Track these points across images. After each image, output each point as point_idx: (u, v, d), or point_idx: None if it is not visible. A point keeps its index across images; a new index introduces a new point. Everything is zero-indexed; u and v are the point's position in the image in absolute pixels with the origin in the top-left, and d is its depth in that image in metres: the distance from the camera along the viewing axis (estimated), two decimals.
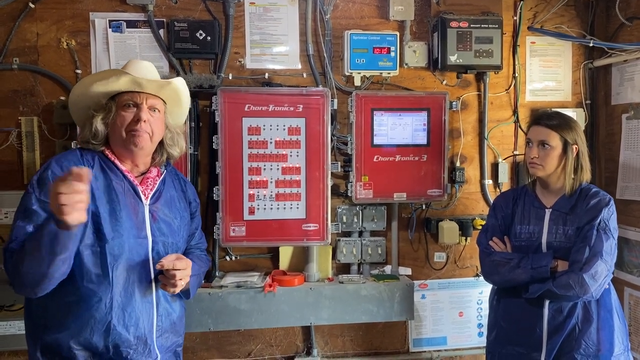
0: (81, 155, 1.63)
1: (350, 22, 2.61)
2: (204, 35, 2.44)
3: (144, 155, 1.69)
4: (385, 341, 2.74)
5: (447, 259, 2.75)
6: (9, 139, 2.41)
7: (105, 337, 1.57)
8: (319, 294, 2.44)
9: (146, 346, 1.63)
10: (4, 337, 2.36)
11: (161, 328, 1.68)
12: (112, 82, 1.63)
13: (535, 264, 1.93)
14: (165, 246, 1.68)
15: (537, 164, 1.99)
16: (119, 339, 1.58)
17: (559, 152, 1.97)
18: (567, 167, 1.97)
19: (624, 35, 2.64)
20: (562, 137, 1.96)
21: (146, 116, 1.64)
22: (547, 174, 2.00)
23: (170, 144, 1.75)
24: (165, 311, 1.69)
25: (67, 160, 1.61)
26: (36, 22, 2.42)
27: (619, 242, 2.52)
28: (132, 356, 1.60)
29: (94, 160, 1.64)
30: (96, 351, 1.58)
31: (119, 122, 1.64)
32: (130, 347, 1.60)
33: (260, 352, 2.66)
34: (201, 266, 1.86)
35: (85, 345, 1.56)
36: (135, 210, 1.63)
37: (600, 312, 1.95)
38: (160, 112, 1.70)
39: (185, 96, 1.81)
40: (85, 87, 1.67)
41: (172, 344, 1.75)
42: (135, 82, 1.64)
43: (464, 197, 2.74)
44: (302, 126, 2.45)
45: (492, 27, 2.58)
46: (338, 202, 2.63)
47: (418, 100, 2.58)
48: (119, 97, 1.66)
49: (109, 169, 1.64)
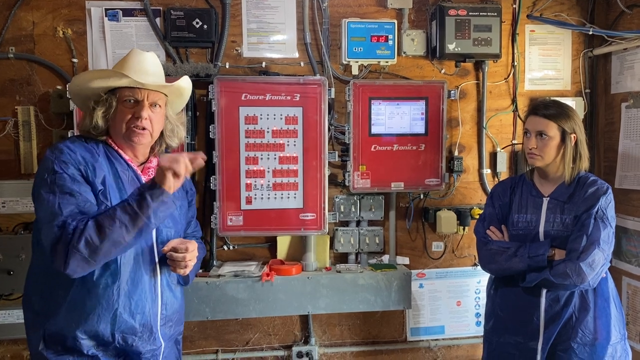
0: (86, 142, 1.62)
1: (347, 10, 2.60)
2: (201, 24, 2.43)
3: (143, 148, 1.70)
4: (383, 330, 2.75)
5: (445, 249, 2.75)
6: (6, 129, 2.41)
7: (112, 325, 1.57)
8: (317, 283, 2.45)
9: (151, 334, 1.64)
10: (2, 326, 2.39)
11: (165, 316, 1.69)
12: (113, 80, 1.61)
13: (532, 253, 1.93)
14: (168, 235, 1.69)
15: (535, 154, 1.98)
16: (125, 327, 1.58)
17: (557, 142, 1.96)
18: (566, 157, 1.96)
19: (624, 23, 2.61)
20: (560, 126, 1.95)
21: (147, 113, 1.62)
22: (546, 163, 1.99)
23: (170, 135, 1.75)
24: (168, 299, 1.70)
25: (74, 144, 1.59)
26: (32, 10, 2.41)
27: (618, 232, 2.53)
28: (137, 343, 1.61)
29: (98, 148, 1.63)
30: (102, 340, 1.58)
31: (120, 117, 1.62)
32: (136, 335, 1.60)
33: (258, 341, 2.67)
34: (200, 254, 1.86)
35: (91, 334, 1.56)
36: None
37: (597, 301, 1.96)
38: (161, 108, 1.68)
39: (187, 91, 1.81)
40: (84, 82, 1.64)
41: (174, 332, 1.77)
42: (137, 82, 1.61)
43: (462, 187, 2.73)
44: (299, 115, 2.44)
45: (491, 15, 2.55)
46: (335, 192, 2.63)
47: (416, 89, 2.56)
48: (120, 92, 1.63)
49: (114, 158, 1.64)
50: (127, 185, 1.61)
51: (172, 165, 1.48)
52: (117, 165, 1.62)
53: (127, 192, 1.59)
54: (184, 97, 1.82)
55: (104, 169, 1.58)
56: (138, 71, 1.62)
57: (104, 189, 1.55)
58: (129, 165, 1.65)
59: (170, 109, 1.75)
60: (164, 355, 1.71)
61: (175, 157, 1.50)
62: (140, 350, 1.62)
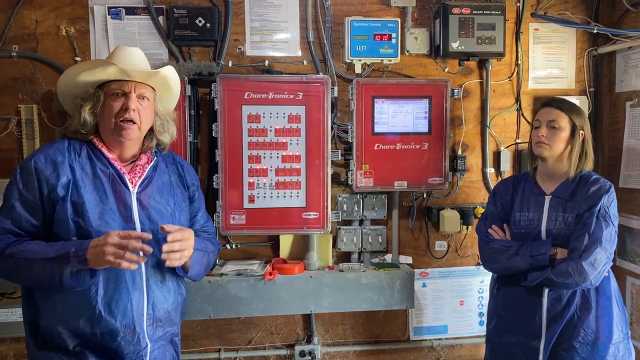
0: (69, 145, 1.64)
1: (350, 8, 2.59)
2: (204, 22, 2.43)
3: (132, 144, 1.70)
4: (385, 329, 2.74)
5: (448, 248, 2.74)
6: (9, 127, 2.41)
7: (92, 324, 1.56)
8: (320, 282, 2.44)
9: (134, 334, 1.60)
10: (5, 325, 2.38)
11: (152, 317, 1.65)
12: (99, 72, 1.63)
13: (534, 252, 1.93)
14: (155, 234, 1.63)
15: (544, 142, 1.98)
16: (105, 327, 1.57)
17: (567, 134, 1.98)
18: (574, 152, 1.98)
19: (629, 22, 2.60)
20: (571, 119, 1.97)
21: (135, 105, 1.63)
22: (553, 155, 1.99)
23: (160, 130, 1.75)
24: (157, 299, 1.66)
25: (53, 149, 1.62)
26: (35, 9, 2.40)
27: (622, 231, 2.52)
28: (120, 344, 1.59)
29: (81, 149, 1.64)
30: (84, 338, 1.57)
31: (108, 111, 1.64)
32: (118, 335, 1.58)
33: (260, 339, 2.67)
34: (207, 245, 1.81)
35: (73, 331, 1.57)
36: (121, 199, 1.62)
37: (599, 300, 1.95)
38: (149, 100, 1.70)
39: (174, 83, 1.81)
40: (72, 77, 1.67)
41: (165, 333, 1.72)
42: (122, 72, 1.63)
43: (465, 186, 2.72)
44: (302, 114, 2.44)
45: (495, 13, 2.54)
46: (338, 191, 2.62)
47: (419, 88, 2.56)
48: (107, 86, 1.65)
49: (96, 157, 1.64)
50: (107, 185, 1.61)
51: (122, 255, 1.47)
52: (97, 164, 1.63)
53: (106, 192, 1.60)
54: (173, 91, 1.82)
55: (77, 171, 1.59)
56: (124, 63, 1.65)
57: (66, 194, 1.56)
58: (111, 164, 1.65)
59: (161, 105, 1.77)
60: (152, 356, 1.67)
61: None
62: (123, 351, 1.60)
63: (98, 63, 1.65)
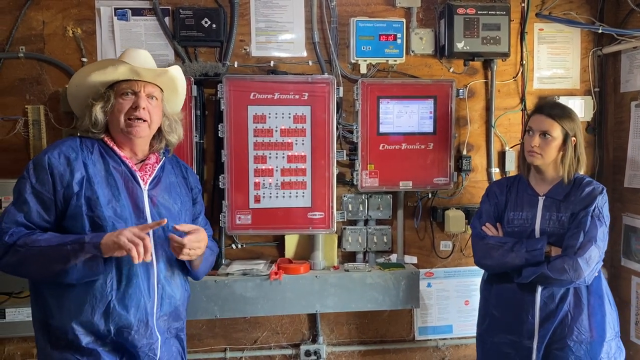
0: (80, 142, 1.67)
1: (356, 9, 2.59)
2: (209, 23, 2.44)
3: (142, 143, 1.73)
4: (390, 329, 2.75)
5: (453, 248, 2.74)
6: (16, 128, 2.42)
7: (106, 318, 1.58)
8: (325, 282, 2.45)
9: (147, 328, 1.64)
10: (12, 324, 2.39)
11: (161, 311, 1.68)
12: (110, 72, 1.67)
13: (530, 247, 1.96)
14: (165, 230, 1.68)
15: (536, 152, 2.01)
16: (119, 320, 1.59)
17: (559, 142, 2.00)
18: (566, 158, 2.00)
19: (634, 22, 2.60)
20: (563, 128, 1.99)
21: (144, 103, 1.67)
22: (545, 163, 2.02)
23: (168, 130, 1.78)
24: (166, 294, 1.69)
25: (66, 146, 1.64)
26: (42, 10, 2.42)
27: (627, 231, 2.52)
28: (134, 337, 1.61)
29: (93, 147, 1.67)
30: (98, 333, 1.59)
31: (118, 109, 1.67)
32: (132, 329, 1.61)
33: (266, 339, 2.68)
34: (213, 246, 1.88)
35: (86, 327, 1.58)
36: (134, 195, 1.66)
37: (590, 299, 1.98)
38: (157, 100, 1.74)
39: (181, 84, 1.84)
40: (83, 77, 1.70)
41: (170, 327, 1.75)
42: (133, 71, 1.67)
43: (470, 186, 2.73)
44: (307, 114, 2.44)
45: (500, 13, 2.54)
46: (344, 191, 2.63)
47: (424, 88, 2.56)
48: (117, 86, 1.69)
49: (107, 155, 1.67)
50: (120, 182, 1.64)
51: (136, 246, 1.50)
52: (110, 162, 1.66)
53: (118, 188, 1.63)
54: (179, 93, 1.86)
55: (90, 168, 1.61)
56: (134, 63, 1.68)
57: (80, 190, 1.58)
58: (123, 162, 1.68)
59: (168, 106, 1.80)
60: (162, 350, 1.70)
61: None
62: (136, 344, 1.62)
63: (109, 62, 1.68)
